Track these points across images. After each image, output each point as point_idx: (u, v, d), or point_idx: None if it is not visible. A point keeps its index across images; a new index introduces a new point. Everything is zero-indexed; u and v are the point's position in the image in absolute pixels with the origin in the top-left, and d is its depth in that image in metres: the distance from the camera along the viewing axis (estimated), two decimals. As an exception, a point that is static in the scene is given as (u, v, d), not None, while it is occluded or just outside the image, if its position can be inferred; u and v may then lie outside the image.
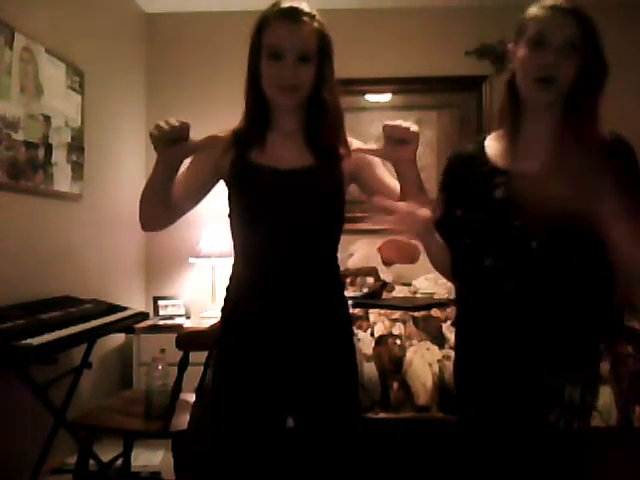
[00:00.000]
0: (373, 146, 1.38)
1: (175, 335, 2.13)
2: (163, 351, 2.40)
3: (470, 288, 1.42)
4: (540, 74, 1.30)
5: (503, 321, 1.35)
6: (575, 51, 1.29)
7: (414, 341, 2.32)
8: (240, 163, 1.45)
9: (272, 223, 1.43)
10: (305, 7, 1.39)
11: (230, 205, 1.49)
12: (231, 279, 1.51)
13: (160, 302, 3.92)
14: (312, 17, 1.39)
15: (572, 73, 1.30)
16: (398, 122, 1.31)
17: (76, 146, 3.16)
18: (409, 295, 3.16)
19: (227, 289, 1.52)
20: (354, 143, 1.49)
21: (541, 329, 1.33)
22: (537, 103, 1.35)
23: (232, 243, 1.51)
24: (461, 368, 1.47)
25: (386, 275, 3.50)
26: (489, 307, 1.38)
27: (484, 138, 1.47)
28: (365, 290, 3.12)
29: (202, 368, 2.24)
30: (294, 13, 1.37)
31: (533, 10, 1.35)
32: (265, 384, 1.44)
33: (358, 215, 4.15)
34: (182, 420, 2.13)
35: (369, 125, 4.15)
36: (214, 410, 1.49)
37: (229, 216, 1.50)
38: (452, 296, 2.84)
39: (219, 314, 1.53)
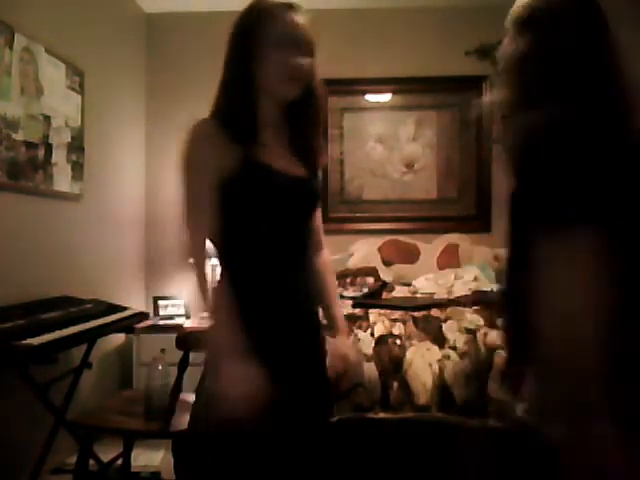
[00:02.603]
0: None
1: (175, 335, 2.13)
2: (163, 351, 2.39)
3: None
4: None
5: None
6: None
7: (414, 341, 2.32)
8: (250, 162, 1.33)
9: (285, 227, 1.40)
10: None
11: (233, 206, 1.37)
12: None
13: (160, 302, 3.92)
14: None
15: None
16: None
17: (76, 146, 3.16)
18: (409, 295, 3.15)
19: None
20: None
21: None
22: None
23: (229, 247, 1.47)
24: None
25: (386, 275, 3.49)
26: None
27: None
28: (365, 290, 3.11)
29: (202, 368, 2.23)
30: (297, 7, 1.39)
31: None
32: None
33: (358, 215, 4.18)
34: (182, 420, 2.13)
35: (369, 125, 4.15)
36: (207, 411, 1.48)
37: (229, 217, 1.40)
38: (452, 296, 2.86)
39: None
